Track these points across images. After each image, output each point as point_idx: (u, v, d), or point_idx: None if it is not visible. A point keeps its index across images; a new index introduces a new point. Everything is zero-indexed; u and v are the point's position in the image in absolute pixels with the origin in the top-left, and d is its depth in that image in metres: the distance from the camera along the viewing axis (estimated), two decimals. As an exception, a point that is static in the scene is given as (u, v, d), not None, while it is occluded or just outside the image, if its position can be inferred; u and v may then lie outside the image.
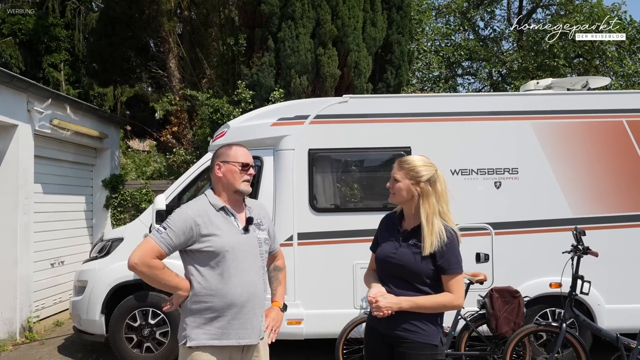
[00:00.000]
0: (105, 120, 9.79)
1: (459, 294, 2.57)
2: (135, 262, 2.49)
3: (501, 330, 4.75)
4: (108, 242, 5.98)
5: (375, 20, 9.25)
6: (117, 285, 5.71)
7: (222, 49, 10.90)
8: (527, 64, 14.44)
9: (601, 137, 5.55)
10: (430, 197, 2.56)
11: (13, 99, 6.99)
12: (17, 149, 7.09)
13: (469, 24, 17.67)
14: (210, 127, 9.04)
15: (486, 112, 5.64)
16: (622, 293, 5.40)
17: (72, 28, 17.15)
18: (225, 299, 2.57)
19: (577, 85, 6.26)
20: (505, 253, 5.43)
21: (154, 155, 16.57)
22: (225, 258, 2.58)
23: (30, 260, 7.29)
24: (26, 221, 7.19)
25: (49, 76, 16.51)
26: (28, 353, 6.46)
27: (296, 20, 8.57)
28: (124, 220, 9.45)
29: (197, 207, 2.64)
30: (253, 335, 2.65)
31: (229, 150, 2.73)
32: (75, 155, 8.95)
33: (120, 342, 5.66)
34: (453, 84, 17.17)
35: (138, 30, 12.08)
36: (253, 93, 8.73)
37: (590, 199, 5.48)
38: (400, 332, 2.56)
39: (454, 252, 2.55)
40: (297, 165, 5.56)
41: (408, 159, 2.65)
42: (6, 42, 15.88)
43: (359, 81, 8.92)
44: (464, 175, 5.53)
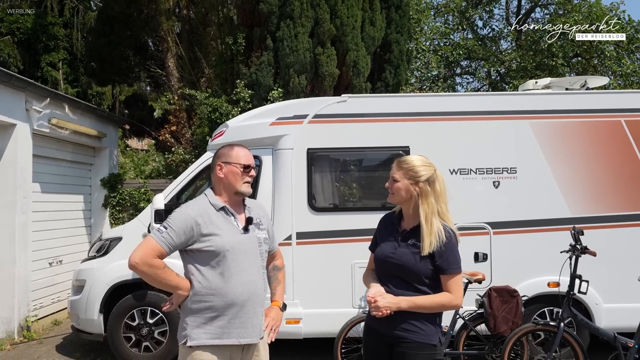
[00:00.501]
0: (103, 120, 9.78)
1: (458, 293, 2.57)
2: (136, 262, 2.49)
3: (499, 330, 4.75)
4: (107, 242, 5.98)
5: (374, 20, 9.25)
6: (115, 285, 5.70)
7: (220, 48, 10.89)
8: (526, 63, 14.46)
9: (599, 137, 5.55)
10: (429, 197, 2.56)
11: (11, 98, 6.98)
12: (16, 148, 7.08)
13: (467, 23, 17.69)
14: (208, 126, 9.04)
15: (485, 111, 5.64)
16: (620, 292, 5.41)
17: (70, 27, 17.13)
18: (226, 299, 2.58)
19: (576, 84, 6.27)
20: (503, 252, 5.43)
21: (152, 155, 16.57)
22: (226, 257, 2.58)
23: (29, 259, 7.28)
24: (24, 220, 7.19)
25: (48, 75, 16.49)
26: (26, 352, 6.46)
27: (295, 20, 8.56)
28: (123, 220, 9.45)
29: (197, 207, 2.64)
30: (253, 335, 2.66)
31: (230, 151, 2.72)
32: (74, 154, 8.94)
33: (118, 341, 5.66)
34: (452, 83, 17.18)
35: (136, 30, 12.07)
36: (252, 92, 8.73)
37: (589, 199, 5.49)
38: (399, 332, 2.56)
39: (452, 252, 2.55)
40: (296, 165, 5.56)
41: (407, 159, 2.65)
42: (4, 41, 15.86)
43: (358, 80, 8.93)
44: (463, 174, 5.53)
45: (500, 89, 16.09)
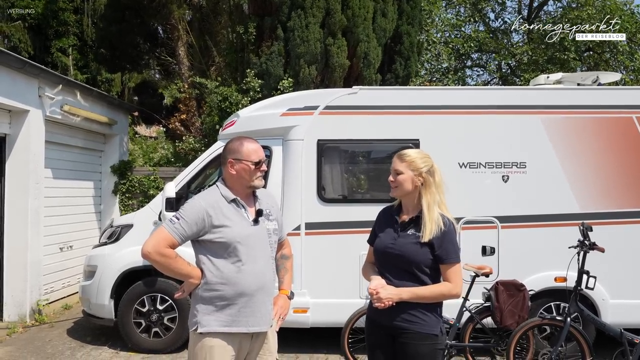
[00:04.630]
0: (114, 107, 9.83)
1: (457, 282, 2.62)
2: (149, 251, 2.55)
3: (505, 323, 4.79)
4: (118, 229, 6.05)
5: (385, 11, 9.21)
6: (126, 271, 5.78)
7: (231, 37, 10.89)
8: (537, 56, 14.35)
9: (611, 133, 5.54)
10: (431, 187, 2.63)
11: (25, 84, 7.04)
12: (29, 134, 7.14)
13: (479, 15, 17.55)
14: (218, 115, 9.07)
15: (495, 105, 5.63)
16: (627, 288, 5.42)
17: (80, 13, 17.15)
18: (236, 288, 2.63)
19: (588, 80, 6.23)
20: (511, 246, 5.45)
21: (161, 142, 16.63)
22: (237, 249, 2.63)
23: (40, 244, 7.38)
24: (37, 206, 7.27)
25: (58, 61, 16.55)
26: (38, 335, 6.57)
27: (306, 10, 8.55)
28: (132, 207, 9.52)
29: (209, 198, 2.68)
30: (262, 323, 2.71)
31: (240, 146, 2.73)
32: (85, 141, 9.01)
33: (128, 327, 5.75)
34: (462, 76, 17.09)
35: (147, 17, 12.09)
36: (262, 82, 8.74)
37: (598, 195, 5.49)
38: (401, 322, 2.61)
39: (451, 241, 2.60)
40: (306, 156, 5.59)
41: (407, 152, 2.72)
42: (15, 26, 15.92)
43: (368, 72, 8.91)
44: (472, 168, 5.54)
45: (510, 83, 15.99)
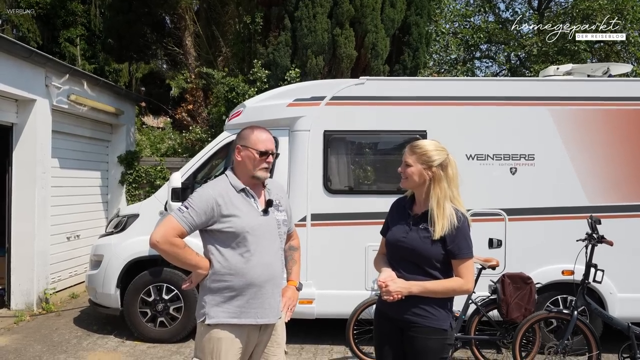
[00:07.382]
0: (121, 97, 9.83)
1: (469, 278, 2.57)
2: (157, 240, 2.52)
3: (512, 316, 4.76)
4: (124, 218, 6.06)
5: (394, 1, 9.11)
6: (132, 261, 5.80)
7: (238, 27, 10.83)
8: (547, 48, 14.19)
9: (621, 125, 5.47)
10: (441, 182, 2.55)
11: (32, 73, 7.04)
12: (35, 124, 7.16)
13: (489, 5, 17.36)
14: (225, 105, 9.05)
15: (504, 97, 5.57)
16: (635, 282, 5.38)
17: (88, 3, 17.15)
18: (245, 279, 2.60)
19: (598, 71, 6.13)
20: (518, 239, 5.41)
21: (168, 132, 16.65)
22: (246, 239, 2.60)
23: (47, 233, 7.42)
24: (43, 195, 7.30)
25: (65, 51, 16.58)
26: (45, 323, 6.61)
27: (314, 0, 8.47)
28: (139, 196, 9.55)
29: (218, 188, 2.65)
30: (271, 315, 2.68)
31: (250, 134, 2.70)
32: (92, 130, 9.02)
33: (134, 316, 5.78)
34: (471, 67, 16.94)
35: (154, 7, 12.06)
36: (269, 72, 8.70)
37: (607, 188, 5.43)
38: (410, 316, 2.57)
39: (464, 237, 2.55)
40: (312, 147, 5.56)
41: (420, 144, 2.64)
42: (24, 16, 15.93)
43: (376, 63, 8.84)
44: (480, 160, 5.49)
45: (520, 74, 15.83)
